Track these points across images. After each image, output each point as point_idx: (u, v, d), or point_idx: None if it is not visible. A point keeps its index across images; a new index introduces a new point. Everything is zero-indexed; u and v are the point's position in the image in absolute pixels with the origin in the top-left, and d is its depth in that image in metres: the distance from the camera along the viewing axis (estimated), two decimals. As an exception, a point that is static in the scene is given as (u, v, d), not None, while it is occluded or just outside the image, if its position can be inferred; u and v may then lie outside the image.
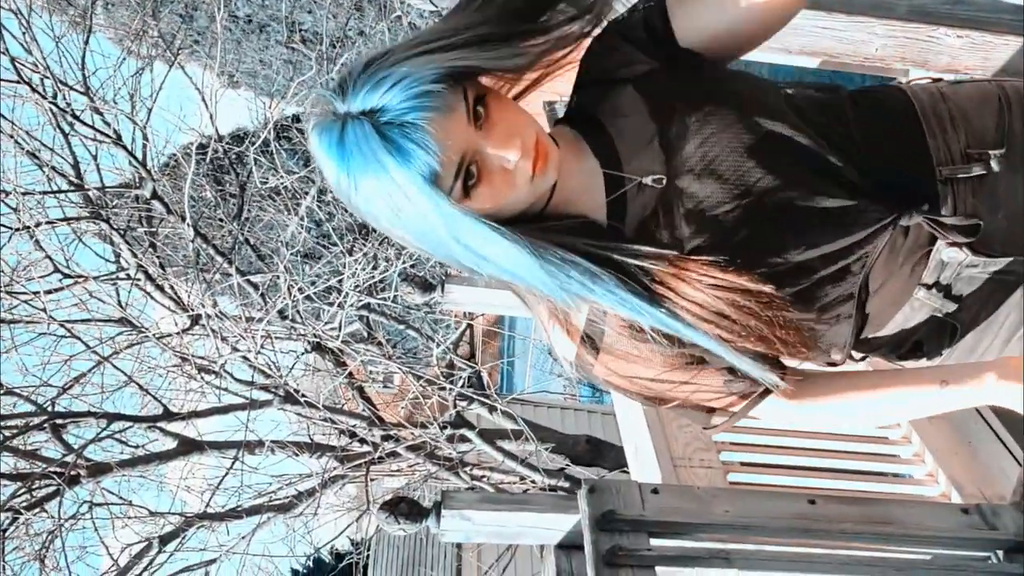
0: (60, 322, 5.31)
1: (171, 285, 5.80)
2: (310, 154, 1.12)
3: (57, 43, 5.59)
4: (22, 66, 5.25)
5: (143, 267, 5.54)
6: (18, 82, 5.22)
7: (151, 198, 5.57)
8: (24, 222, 5.22)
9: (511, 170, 1.09)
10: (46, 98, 5.28)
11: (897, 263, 1.22)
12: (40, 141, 5.49)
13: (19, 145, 5.33)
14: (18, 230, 5.27)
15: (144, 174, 5.55)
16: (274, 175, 5.74)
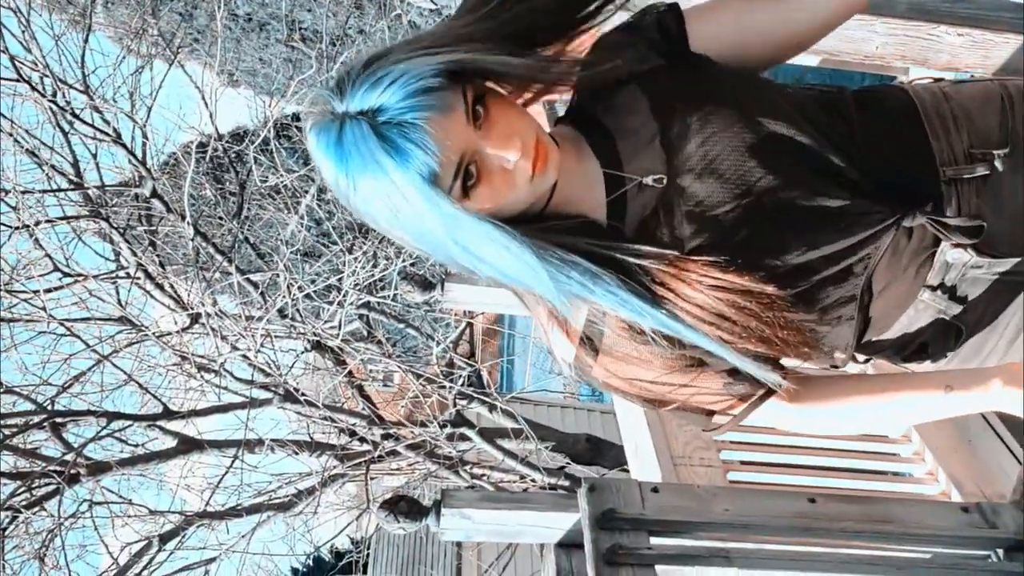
0: (60, 321, 5.31)
1: (171, 284, 5.79)
2: (308, 154, 1.11)
3: (57, 41, 5.58)
4: (22, 64, 5.24)
5: (143, 266, 5.54)
6: (18, 80, 5.21)
7: (151, 197, 5.56)
8: (24, 221, 5.21)
9: (511, 170, 1.09)
10: (46, 96, 5.27)
11: (901, 265, 1.21)
12: (40, 140, 5.48)
13: (19, 143, 5.32)
14: (18, 228, 5.25)
15: (144, 173, 5.54)
16: (274, 174, 5.73)
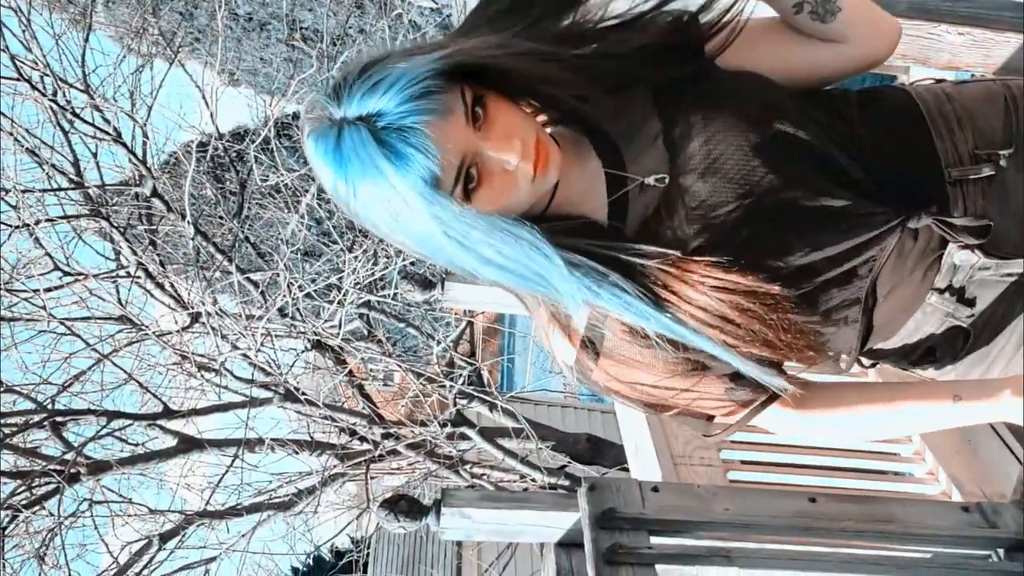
0: (60, 320, 5.31)
1: (171, 283, 5.79)
2: (307, 159, 1.10)
3: (57, 40, 5.57)
4: (22, 64, 5.24)
5: (143, 265, 5.54)
6: (18, 79, 5.21)
7: (151, 196, 5.56)
8: (24, 220, 5.21)
9: (512, 172, 1.08)
10: (46, 96, 5.27)
11: (907, 268, 1.19)
12: (40, 139, 5.48)
13: (19, 143, 5.32)
14: (18, 228, 5.25)
15: (144, 172, 5.54)
16: (274, 173, 5.73)
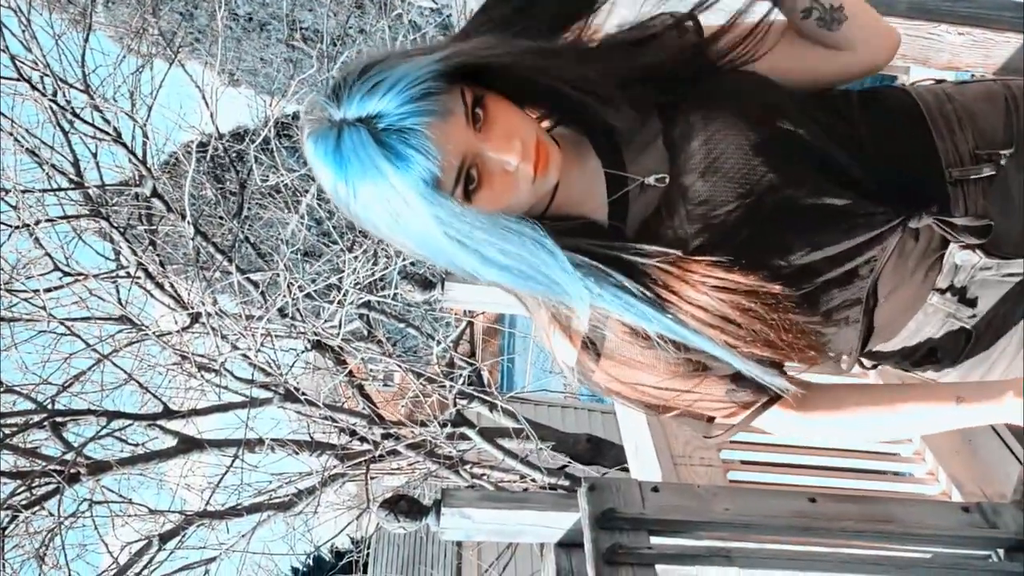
0: (60, 320, 5.31)
1: (171, 283, 5.79)
2: (306, 160, 1.10)
3: (57, 41, 5.57)
4: (22, 64, 5.24)
5: (143, 265, 5.54)
6: (18, 79, 5.21)
7: (151, 196, 5.56)
8: (24, 220, 5.21)
9: (512, 172, 1.08)
10: (46, 96, 5.27)
11: (908, 269, 1.19)
12: (40, 139, 5.48)
13: (19, 143, 5.32)
14: (18, 228, 5.25)
15: (144, 172, 5.54)
16: (274, 173, 5.73)
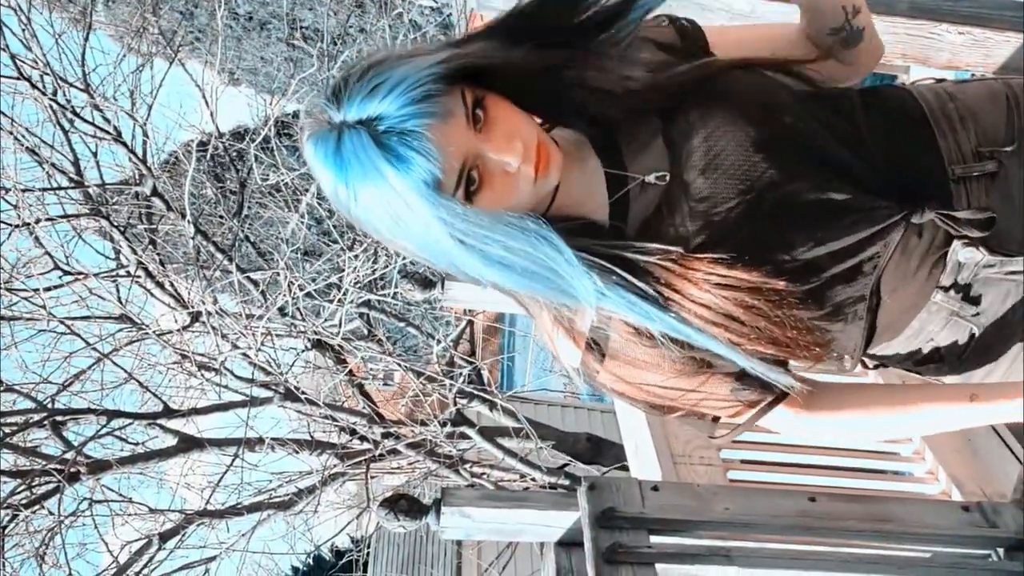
0: (60, 319, 5.31)
1: (171, 282, 5.79)
2: (306, 162, 1.10)
3: (57, 40, 5.57)
4: (22, 62, 5.24)
5: (143, 264, 5.54)
6: (18, 78, 5.21)
7: (151, 195, 5.56)
8: (24, 219, 5.21)
9: (513, 174, 1.07)
10: (46, 95, 5.27)
11: (911, 267, 1.19)
12: (40, 138, 5.48)
13: (19, 142, 5.32)
14: (18, 227, 5.25)
15: (144, 171, 5.54)
16: (274, 172, 5.73)
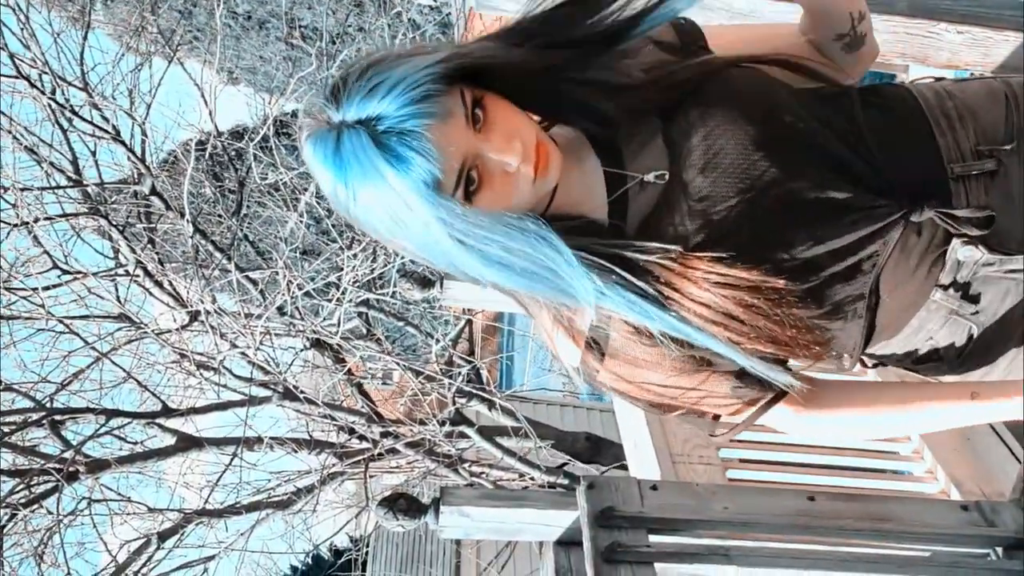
0: (59, 318, 5.30)
1: (170, 281, 5.79)
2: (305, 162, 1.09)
3: (56, 39, 5.57)
4: (21, 61, 5.24)
5: (142, 263, 5.53)
6: (17, 77, 5.21)
7: (150, 194, 5.56)
8: (23, 218, 5.21)
9: (512, 173, 1.07)
10: (45, 94, 5.27)
11: (910, 265, 1.19)
12: (39, 137, 5.48)
13: (17, 141, 5.32)
14: (16, 226, 5.25)
15: (143, 170, 5.54)
16: (273, 171, 5.73)
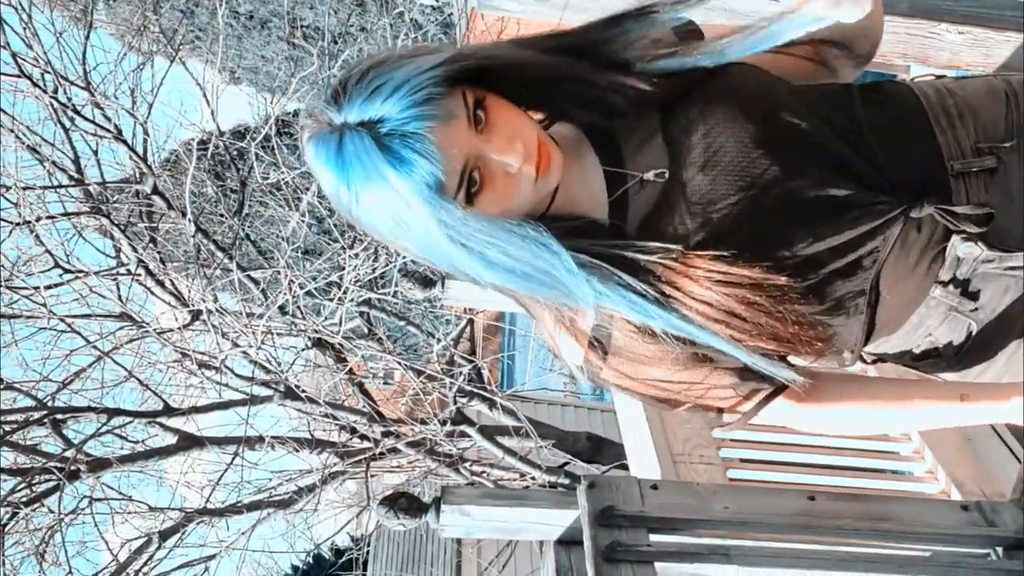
0: (60, 317, 5.30)
1: (172, 280, 5.79)
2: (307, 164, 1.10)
3: (58, 38, 5.57)
4: (23, 61, 5.24)
5: (144, 262, 5.53)
6: (19, 77, 5.21)
7: (152, 193, 5.56)
8: (24, 217, 5.21)
9: (514, 174, 1.08)
10: (47, 93, 5.27)
11: (910, 262, 1.19)
12: (41, 136, 5.47)
13: (20, 140, 5.32)
14: (18, 225, 5.25)
15: (145, 169, 5.54)
16: (275, 171, 5.73)
